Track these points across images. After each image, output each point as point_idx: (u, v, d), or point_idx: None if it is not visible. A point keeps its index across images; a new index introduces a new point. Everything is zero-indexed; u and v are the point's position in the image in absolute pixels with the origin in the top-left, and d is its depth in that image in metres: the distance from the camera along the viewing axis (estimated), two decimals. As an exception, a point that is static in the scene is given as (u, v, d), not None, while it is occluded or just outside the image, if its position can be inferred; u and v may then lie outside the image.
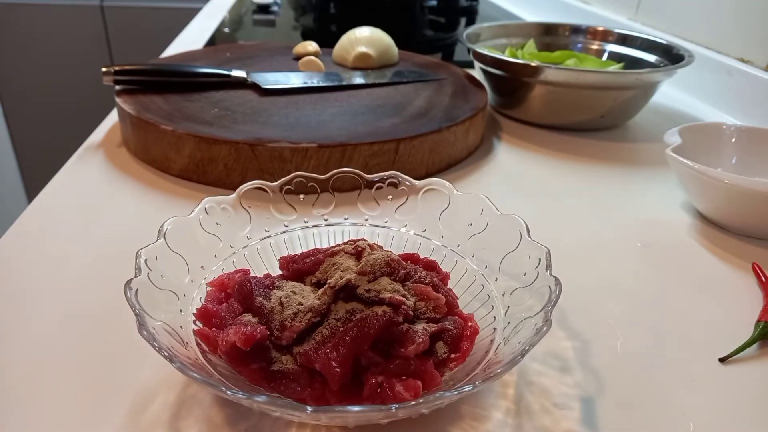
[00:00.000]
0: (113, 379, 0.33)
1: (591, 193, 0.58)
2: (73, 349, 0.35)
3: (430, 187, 0.42)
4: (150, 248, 0.33)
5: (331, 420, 0.29)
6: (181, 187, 0.53)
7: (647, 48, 0.77)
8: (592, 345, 0.37)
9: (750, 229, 0.50)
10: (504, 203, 0.40)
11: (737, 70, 0.78)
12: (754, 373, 0.36)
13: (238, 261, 0.39)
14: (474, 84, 0.71)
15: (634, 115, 0.74)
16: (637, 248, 0.48)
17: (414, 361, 0.30)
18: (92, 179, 0.55)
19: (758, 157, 0.56)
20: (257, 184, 0.40)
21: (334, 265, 0.35)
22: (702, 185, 0.49)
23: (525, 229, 0.36)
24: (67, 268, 0.42)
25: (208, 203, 0.38)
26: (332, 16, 1.02)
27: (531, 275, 0.34)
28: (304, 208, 0.42)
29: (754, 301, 0.42)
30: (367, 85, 0.69)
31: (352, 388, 0.30)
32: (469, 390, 0.26)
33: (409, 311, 0.32)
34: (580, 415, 0.32)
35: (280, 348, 0.32)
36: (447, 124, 0.58)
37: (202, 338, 0.32)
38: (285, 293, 0.33)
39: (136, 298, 0.29)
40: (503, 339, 0.32)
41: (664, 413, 0.33)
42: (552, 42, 0.84)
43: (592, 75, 0.67)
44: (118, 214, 0.49)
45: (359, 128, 0.56)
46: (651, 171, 0.62)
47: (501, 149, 0.66)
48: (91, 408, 0.31)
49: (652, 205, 0.55)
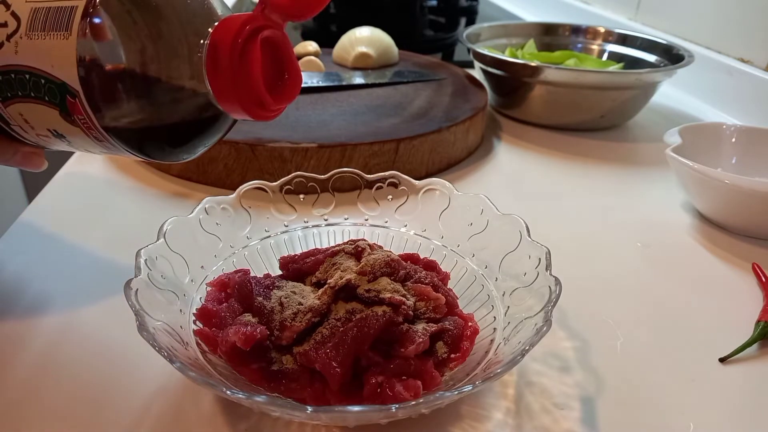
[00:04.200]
0: (113, 380, 0.33)
1: (591, 193, 0.58)
2: (72, 349, 0.35)
3: (430, 187, 0.42)
4: (150, 248, 0.33)
5: (331, 420, 0.29)
6: (181, 187, 0.53)
7: (647, 48, 0.77)
8: (592, 345, 0.37)
9: (750, 229, 0.50)
10: (504, 203, 0.40)
11: (737, 70, 0.78)
12: (754, 373, 0.36)
13: (238, 261, 0.39)
14: (474, 84, 0.71)
15: (634, 115, 0.74)
16: (637, 248, 0.48)
17: (414, 361, 0.30)
18: (92, 179, 0.55)
19: (758, 157, 0.56)
20: (257, 184, 0.40)
21: (334, 265, 0.35)
22: (702, 185, 0.49)
23: (525, 229, 0.36)
24: (67, 268, 0.42)
25: (208, 203, 0.38)
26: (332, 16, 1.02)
27: (531, 275, 0.34)
28: (304, 208, 0.42)
29: (754, 301, 0.42)
30: (367, 85, 0.69)
31: (352, 388, 0.30)
32: (469, 390, 0.26)
33: (409, 311, 0.32)
34: (580, 415, 0.32)
35: (280, 348, 0.32)
36: (447, 124, 0.58)
37: (202, 338, 0.32)
38: (285, 293, 0.33)
39: (136, 298, 0.29)
40: (503, 339, 0.32)
41: (664, 413, 0.33)
42: (552, 42, 0.84)
43: (592, 75, 0.67)
44: (118, 214, 0.49)
45: (359, 128, 0.56)
46: (651, 171, 0.62)
47: (501, 149, 0.66)
48: (91, 408, 0.31)
49: (652, 205, 0.55)
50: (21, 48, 0.27)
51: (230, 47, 0.25)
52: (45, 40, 0.27)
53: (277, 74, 0.28)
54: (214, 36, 0.26)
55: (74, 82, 0.26)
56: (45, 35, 0.27)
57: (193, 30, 0.27)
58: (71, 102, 0.27)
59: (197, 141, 0.29)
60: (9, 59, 0.28)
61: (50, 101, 0.28)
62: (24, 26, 0.27)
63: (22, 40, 0.27)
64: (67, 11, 0.26)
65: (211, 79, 0.27)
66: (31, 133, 0.31)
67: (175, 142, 0.29)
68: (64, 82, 0.27)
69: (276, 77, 0.28)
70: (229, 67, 0.26)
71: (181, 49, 0.27)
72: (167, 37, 0.27)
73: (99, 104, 0.27)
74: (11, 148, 0.33)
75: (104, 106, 0.27)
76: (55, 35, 0.26)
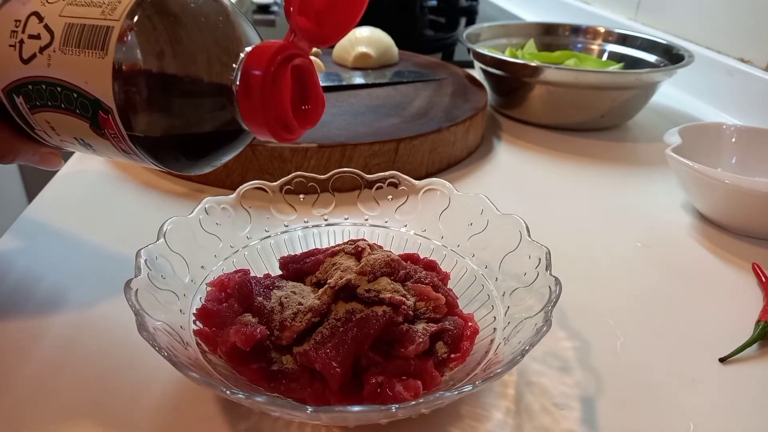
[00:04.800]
0: (113, 380, 0.33)
1: (591, 193, 0.58)
2: (72, 349, 0.35)
3: (430, 187, 0.42)
4: (150, 248, 0.33)
5: (331, 420, 0.29)
6: (181, 187, 0.53)
7: (647, 48, 0.77)
8: (592, 345, 0.37)
9: (750, 229, 0.50)
10: (504, 203, 0.40)
11: (737, 70, 0.78)
12: (754, 373, 0.36)
13: (238, 261, 0.39)
14: (474, 84, 0.71)
15: (634, 115, 0.74)
16: (637, 248, 0.48)
17: (414, 361, 0.30)
18: (92, 179, 0.55)
19: (758, 157, 0.56)
20: (257, 184, 0.40)
21: (334, 265, 0.35)
22: (702, 185, 0.49)
23: (525, 229, 0.36)
24: (68, 267, 0.42)
25: (208, 203, 0.38)
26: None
27: (531, 275, 0.34)
28: (304, 208, 0.42)
29: (754, 301, 0.42)
30: (367, 85, 0.69)
31: (352, 388, 0.30)
32: (469, 390, 0.26)
33: (409, 311, 0.32)
34: (580, 415, 0.32)
35: (280, 348, 0.32)
36: (447, 124, 0.58)
37: (202, 338, 0.32)
38: (285, 293, 0.33)
39: (136, 298, 0.29)
40: (503, 339, 0.32)
41: (664, 413, 0.33)
42: (552, 42, 0.84)
43: (592, 75, 0.67)
44: (118, 214, 0.49)
45: (359, 128, 0.56)
46: (651, 171, 0.62)
47: (501, 149, 0.66)
48: (91, 408, 0.31)
49: (652, 205, 0.55)
50: (54, 61, 0.28)
51: (263, 75, 0.27)
52: (79, 57, 0.27)
53: (302, 98, 0.30)
54: (248, 63, 0.27)
55: (108, 100, 0.27)
56: (80, 52, 0.27)
57: (227, 54, 0.28)
58: (103, 117, 0.28)
59: (220, 155, 0.31)
60: (41, 71, 0.29)
61: (81, 114, 0.29)
62: (58, 41, 0.28)
63: (55, 54, 0.28)
64: (102, 31, 0.27)
65: (242, 103, 0.28)
66: (55, 138, 0.32)
67: (198, 156, 0.30)
68: (98, 99, 0.28)
69: (301, 101, 0.30)
70: (260, 94, 0.27)
71: (214, 73, 0.28)
72: (201, 62, 0.28)
73: (132, 121, 0.28)
74: (31, 149, 0.34)
75: (137, 124, 0.28)
76: (91, 53, 0.27)
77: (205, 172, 0.31)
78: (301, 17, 0.27)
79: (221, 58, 0.28)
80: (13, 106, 0.31)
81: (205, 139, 0.29)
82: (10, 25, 0.29)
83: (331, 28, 0.29)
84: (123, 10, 0.27)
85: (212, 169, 0.31)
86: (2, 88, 0.30)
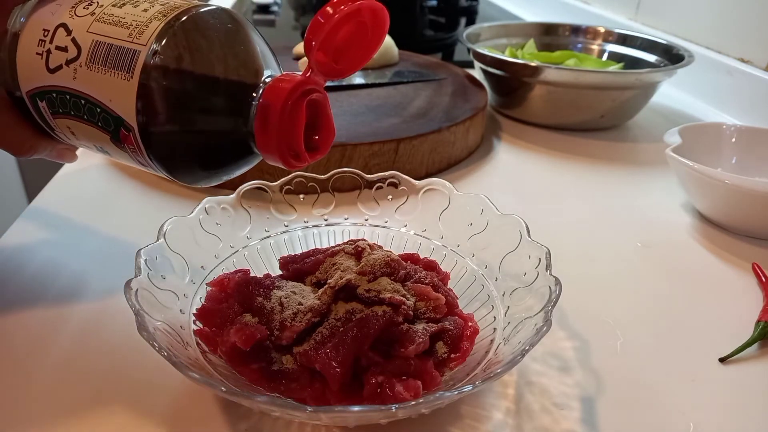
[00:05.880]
0: (113, 380, 0.33)
1: (591, 193, 0.58)
2: (72, 349, 0.35)
3: (430, 187, 0.42)
4: (150, 248, 0.33)
5: (331, 420, 0.29)
6: (181, 187, 0.53)
7: (647, 48, 0.77)
8: (592, 345, 0.37)
9: (750, 229, 0.50)
10: (504, 203, 0.40)
11: (737, 70, 0.78)
12: (754, 373, 0.36)
13: (238, 261, 0.39)
14: (474, 84, 0.71)
15: (634, 115, 0.74)
16: (637, 248, 0.48)
17: (414, 361, 0.30)
18: (92, 179, 0.55)
19: (758, 157, 0.56)
20: (257, 184, 0.40)
21: (334, 265, 0.35)
22: (702, 185, 0.49)
23: (525, 229, 0.36)
24: (68, 267, 0.42)
25: (208, 203, 0.38)
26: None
27: (531, 275, 0.34)
28: (304, 208, 0.42)
29: (754, 301, 0.42)
30: (367, 85, 0.69)
31: (352, 388, 0.30)
32: (469, 390, 0.26)
33: (409, 311, 0.32)
34: (580, 415, 0.32)
35: (280, 348, 0.32)
36: (447, 124, 0.58)
37: (202, 338, 0.32)
38: (285, 293, 0.33)
39: (136, 298, 0.29)
40: (503, 339, 0.32)
41: (664, 413, 0.33)
42: (552, 42, 0.84)
43: (592, 75, 0.67)
44: (118, 214, 0.49)
45: (359, 128, 0.56)
46: (651, 171, 0.62)
47: (501, 149, 0.66)
48: (91, 408, 0.31)
49: (652, 205, 0.55)
50: (80, 76, 0.29)
51: (281, 111, 0.28)
52: (105, 75, 0.28)
53: (314, 128, 0.30)
54: (266, 97, 0.28)
55: (131, 119, 0.28)
56: (105, 71, 0.28)
57: (248, 85, 0.29)
58: (125, 134, 0.29)
59: (230, 171, 0.32)
60: (66, 83, 0.29)
61: (103, 127, 0.29)
62: (84, 56, 0.29)
63: (81, 69, 0.29)
64: (129, 54, 0.28)
65: (258, 133, 0.28)
66: (73, 140, 0.32)
67: (210, 172, 0.31)
68: (121, 117, 0.28)
69: (313, 131, 0.30)
70: (276, 127, 0.28)
71: (235, 102, 0.29)
72: (222, 91, 0.28)
73: (152, 141, 0.28)
74: (49, 145, 0.35)
75: (156, 143, 0.29)
76: (117, 74, 0.28)
77: (213, 185, 0.32)
78: (320, 53, 0.28)
79: (242, 89, 0.29)
80: (36, 109, 0.31)
81: (219, 159, 0.31)
82: (38, 33, 0.30)
83: (347, 64, 0.30)
84: (150, 35, 0.27)
85: (221, 182, 0.32)
86: (26, 91, 0.31)
